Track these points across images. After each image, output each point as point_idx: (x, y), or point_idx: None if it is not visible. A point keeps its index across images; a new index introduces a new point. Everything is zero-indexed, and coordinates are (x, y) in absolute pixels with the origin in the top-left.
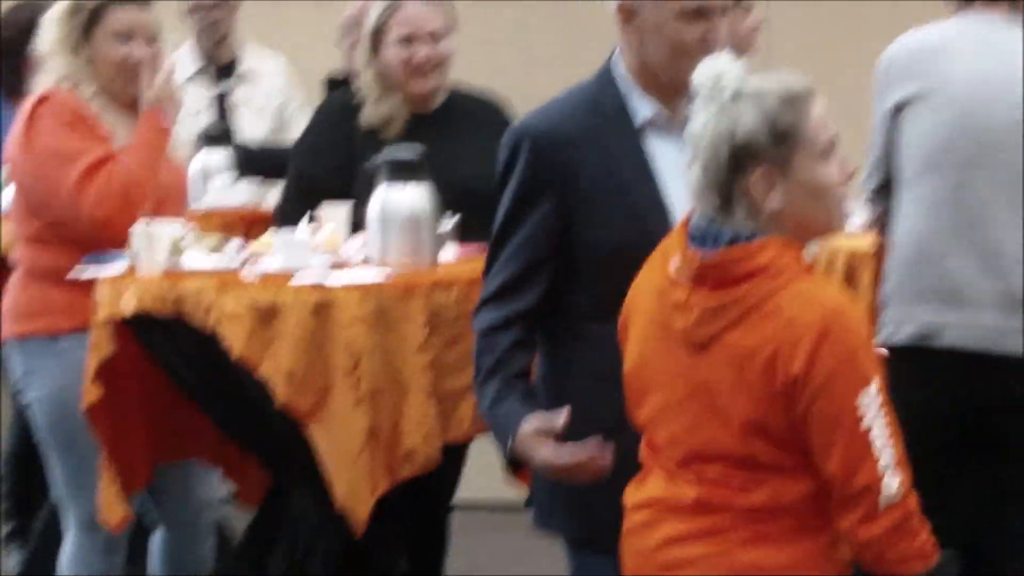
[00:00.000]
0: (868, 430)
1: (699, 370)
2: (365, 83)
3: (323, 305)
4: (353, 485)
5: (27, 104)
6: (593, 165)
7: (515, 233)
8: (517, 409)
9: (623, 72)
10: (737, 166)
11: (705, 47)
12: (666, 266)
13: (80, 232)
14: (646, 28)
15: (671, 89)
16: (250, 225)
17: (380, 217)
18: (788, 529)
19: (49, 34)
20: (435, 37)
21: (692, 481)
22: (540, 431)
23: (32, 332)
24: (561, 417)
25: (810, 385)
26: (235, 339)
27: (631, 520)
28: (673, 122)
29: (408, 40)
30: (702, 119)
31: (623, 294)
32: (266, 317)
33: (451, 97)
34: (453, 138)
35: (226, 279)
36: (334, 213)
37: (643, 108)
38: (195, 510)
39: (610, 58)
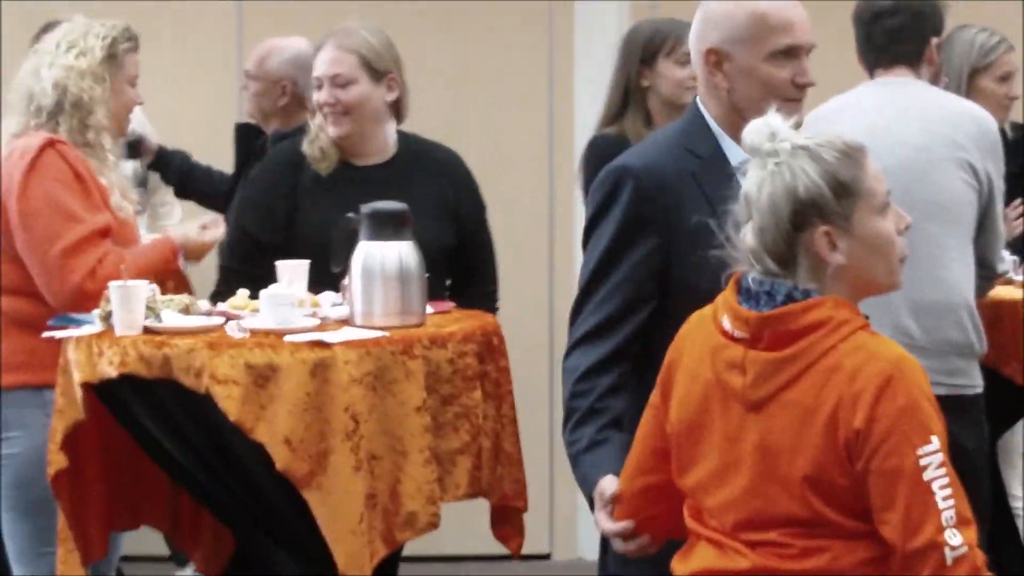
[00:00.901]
0: (929, 484)
1: (757, 430)
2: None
3: (321, 365)
4: (353, 552)
5: (28, 149)
6: (696, 206)
7: (614, 272)
8: (606, 461)
9: (710, 117)
10: (800, 224)
11: (796, 86)
12: (716, 324)
13: (52, 291)
14: (736, 72)
15: None
16: (161, 277)
17: (364, 274)
18: None
19: (84, 82)
20: (337, 82)
21: (746, 548)
22: (604, 496)
23: (16, 384)
24: (612, 486)
25: (872, 439)
26: (230, 402)
27: None
28: None
29: (318, 84)
30: (756, 178)
31: None
32: (262, 378)
33: (403, 148)
34: (404, 191)
35: (216, 339)
36: (293, 270)
37: (735, 152)
38: (109, 564)
39: (695, 103)
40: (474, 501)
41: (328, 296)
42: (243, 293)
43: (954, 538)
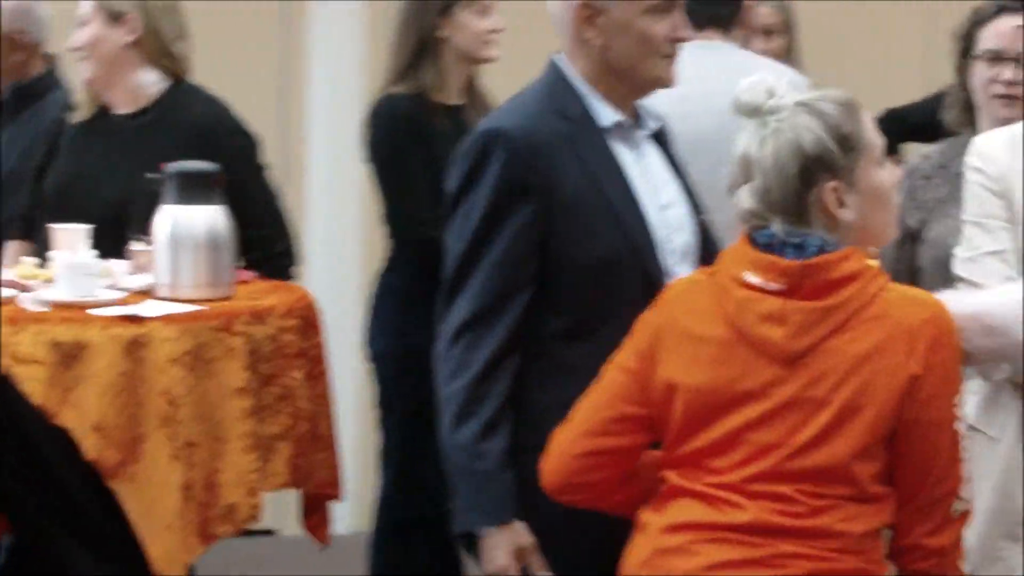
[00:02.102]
0: (960, 435)
1: (795, 382)
2: None
3: (136, 343)
4: (169, 549)
5: None
6: (572, 171)
7: (490, 244)
8: (512, 496)
9: (577, 76)
10: (808, 180)
11: (673, 41)
12: (735, 281)
13: None
14: (612, 27)
15: (636, 90)
16: None
17: (171, 240)
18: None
19: None
20: (80, 23)
21: (747, 500)
22: (521, 552)
23: None
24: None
25: (927, 385)
26: (33, 384)
27: (664, 542)
28: (631, 128)
29: None
30: (755, 137)
31: (601, 312)
32: (69, 358)
33: (161, 100)
34: (135, 146)
35: (14, 313)
36: (69, 235)
37: (605, 113)
38: None
39: (554, 63)
40: None
41: (120, 264)
42: (29, 261)
43: (965, 491)
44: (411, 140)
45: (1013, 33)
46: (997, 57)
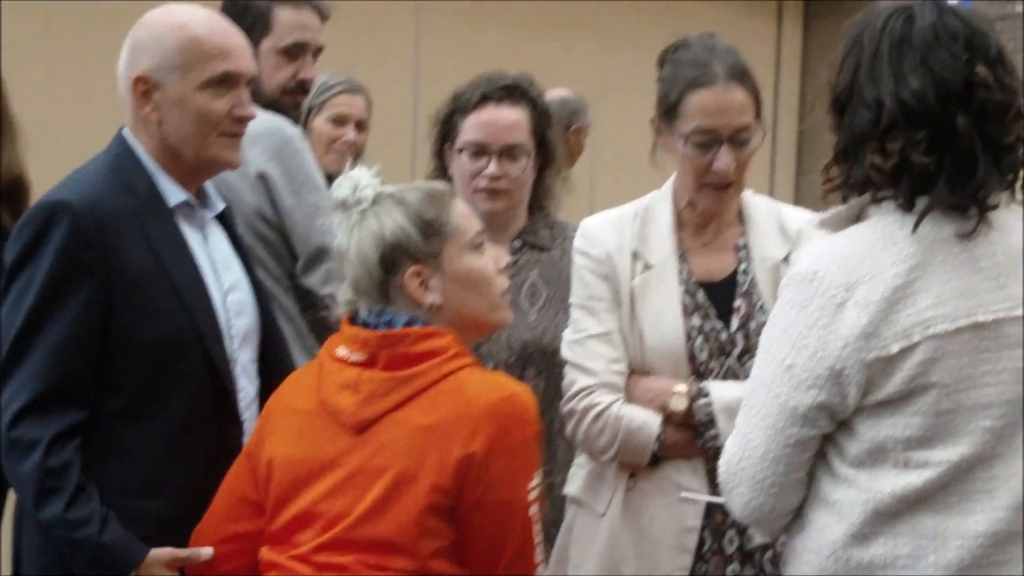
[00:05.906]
0: (533, 519)
1: (362, 451)
2: None
3: None
4: None
5: None
6: (137, 249)
7: (50, 322)
8: (133, 538)
9: (143, 152)
10: (389, 266)
11: (236, 120)
12: (331, 357)
13: None
14: (167, 104)
15: (197, 170)
16: None
17: None
18: None
19: None
20: None
21: (310, 572)
22: (177, 560)
23: None
24: (206, 552)
25: (491, 467)
26: None
27: None
28: (198, 208)
29: None
30: (344, 231)
31: (159, 393)
32: None
33: None
34: None
35: None
36: None
37: (172, 192)
38: None
39: (122, 136)
40: None
41: None
42: None
43: (539, 573)
44: None
45: (495, 124)
46: (481, 150)
